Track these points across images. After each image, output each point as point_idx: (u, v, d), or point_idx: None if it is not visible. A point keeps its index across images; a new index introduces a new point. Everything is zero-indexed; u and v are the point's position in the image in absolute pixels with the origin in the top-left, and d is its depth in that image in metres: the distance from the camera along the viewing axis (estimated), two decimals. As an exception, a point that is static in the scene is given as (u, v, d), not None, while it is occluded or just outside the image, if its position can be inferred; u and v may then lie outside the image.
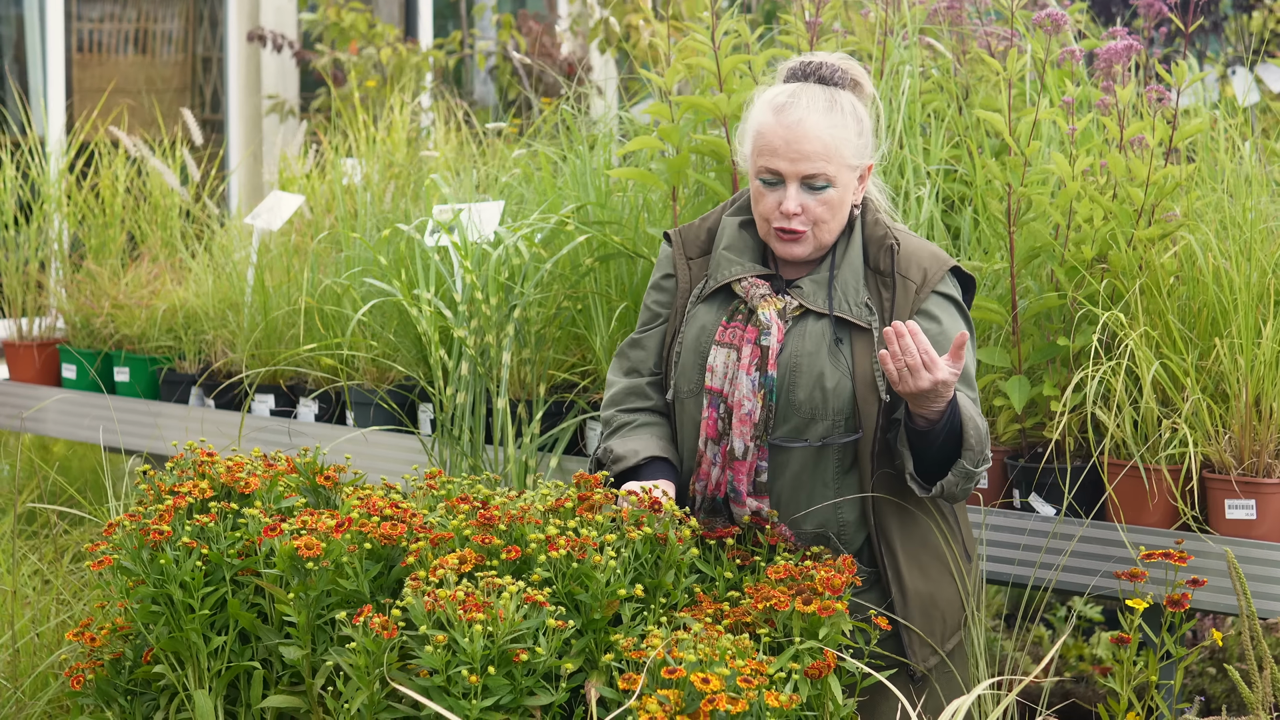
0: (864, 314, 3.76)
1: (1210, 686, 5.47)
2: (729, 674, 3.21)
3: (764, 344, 3.75)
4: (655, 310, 3.97)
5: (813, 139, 3.71)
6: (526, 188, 5.61)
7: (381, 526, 3.54)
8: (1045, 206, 4.44)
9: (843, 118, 3.74)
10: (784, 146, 3.72)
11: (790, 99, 3.75)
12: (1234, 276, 4.27)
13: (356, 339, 5.45)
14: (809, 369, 3.74)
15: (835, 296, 3.78)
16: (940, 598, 3.80)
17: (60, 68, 9.76)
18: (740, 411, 3.74)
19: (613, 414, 3.94)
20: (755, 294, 3.80)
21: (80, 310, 6.44)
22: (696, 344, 3.84)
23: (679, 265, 3.93)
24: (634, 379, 3.95)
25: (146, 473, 3.89)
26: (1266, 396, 4.19)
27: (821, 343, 3.76)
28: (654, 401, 3.92)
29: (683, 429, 3.87)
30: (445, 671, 3.22)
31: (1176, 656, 3.96)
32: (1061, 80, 4.98)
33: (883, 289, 3.78)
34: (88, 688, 3.73)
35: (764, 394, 3.74)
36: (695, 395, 3.82)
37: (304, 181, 6.58)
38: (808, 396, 3.74)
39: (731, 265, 3.85)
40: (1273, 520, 4.16)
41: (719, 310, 3.85)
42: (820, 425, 3.74)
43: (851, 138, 3.75)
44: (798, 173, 3.72)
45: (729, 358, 3.78)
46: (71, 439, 6.54)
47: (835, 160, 3.72)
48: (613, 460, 3.82)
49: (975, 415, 3.66)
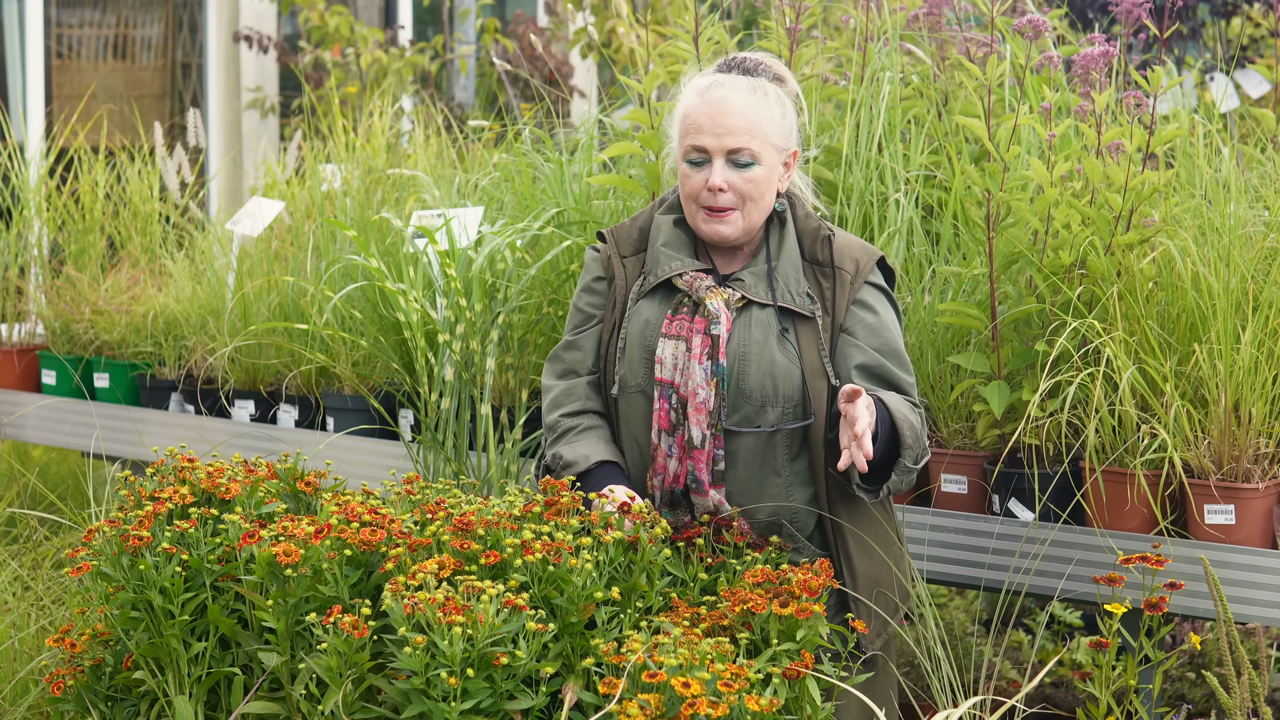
0: (806, 303, 3.85)
1: (1190, 691, 5.48)
2: (710, 678, 3.22)
3: (714, 333, 3.80)
4: (588, 312, 4.02)
5: (736, 114, 3.81)
6: (507, 193, 5.61)
7: (361, 532, 3.54)
8: (1024, 212, 4.45)
9: (765, 99, 3.86)
10: (709, 123, 3.82)
11: (714, 83, 3.87)
12: (1213, 282, 4.28)
13: (336, 343, 5.45)
14: (758, 357, 3.80)
15: (778, 287, 3.86)
16: (884, 579, 3.89)
17: (40, 73, 9.74)
18: (695, 400, 3.79)
19: (556, 419, 3.97)
20: (700, 286, 3.86)
21: (60, 316, 6.43)
22: (642, 338, 3.89)
23: (614, 265, 3.99)
24: (571, 380, 3.99)
25: (127, 478, 3.89)
26: (1245, 402, 4.20)
27: (768, 331, 3.83)
28: (593, 403, 3.97)
29: (630, 423, 3.91)
30: (424, 674, 3.22)
31: (1155, 661, 3.97)
32: (1040, 86, 4.99)
33: (821, 279, 3.88)
34: (68, 694, 3.72)
35: (716, 382, 3.79)
36: (643, 389, 3.87)
37: (284, 187, 6.57)
38: (759, 384, 3.80)
39: (671, 261, 3.91)
40: (1251, 525, 4.18)
41: (662, 305, 3.90)
42: (772, 412, 3.81)
43: (775, 118, 3.86)
44: (723, 147, 3.81)
45: (678, 349, 3.83)
46: (52, 445, 6.53)
47: (759, 137, 3.82)
48: (563, 466, 3.86)
49: (908, 413, 3.75)
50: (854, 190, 4.87)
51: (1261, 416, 4.21)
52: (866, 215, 4.89)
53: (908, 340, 4.61)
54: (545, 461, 3.95)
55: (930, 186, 5.02)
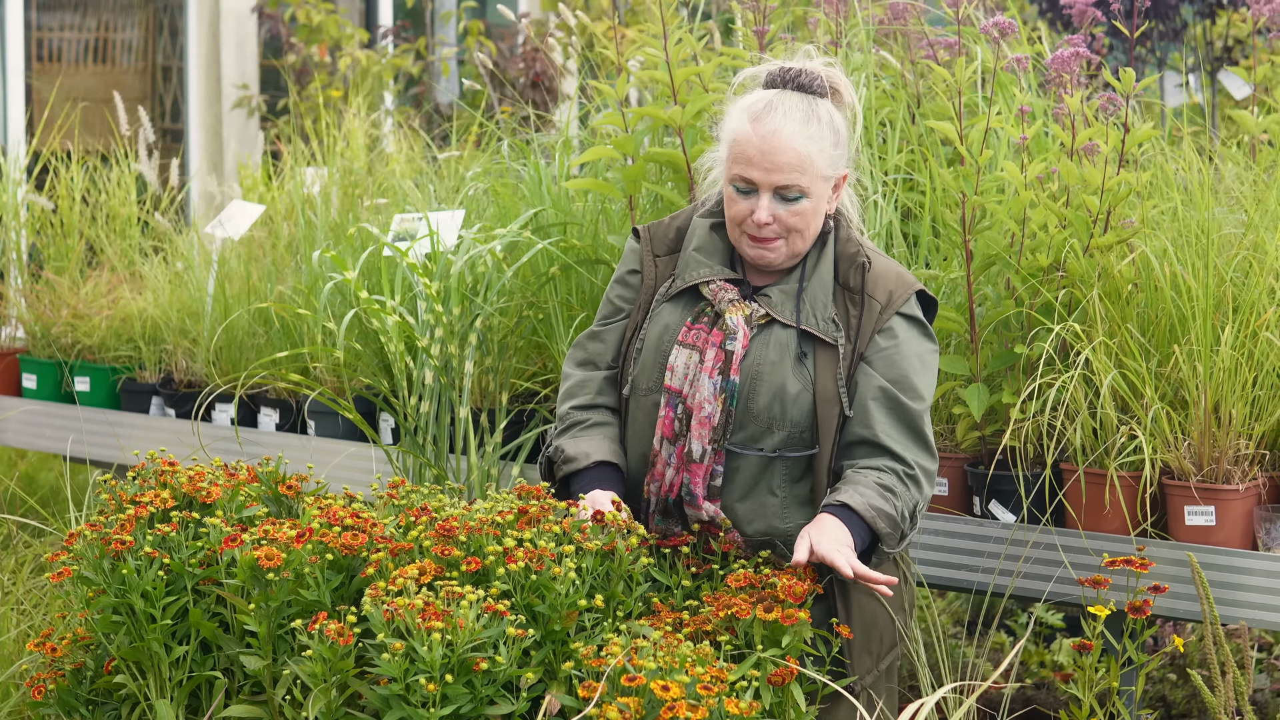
0: (830, 329, 3.76)
1: (1171, 693, 5.49)
2: (689, 681, 3.22)
3: (729, 348, 3.75)
4: (617, 305, 3.97)
5: (788, 150, 3.70)
6: (486, 197, 5.61)
7: (343, 536, 3.54)
8: (999, 214, 4.45)
9: (819, 128, 3.74)
10: (759, 156, 3.71)
11: (767, 108, 3.74)
12: (1192, 284, 4.28)
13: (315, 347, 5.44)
14: (770, 378, 3.74)
15: (803, 309, 3.78)
16: (880, 615, 3.80)
17: (19, 77, 9.72)
18: (700, 414, 3.74)
19: (567, 410, 3.92)
20: (723, 298, 3.80)
21: (40, 320, 6.42)
22: (659, 342, 3.84)
23: (645, 262, 3.93)
24: (589, 371, 3.95)
25: (108, 482, 3.88)
26: (1225, 403, 4.21)
27: (785, 353, 3.76)
28: (607, 398, 3.92)
29: (637, 425, 3.86)
30: (404, 679, 3.22)
31: (1138, 663, 3.98)
32: (1009, 88, 4.99)
33: (850, 306, 3.79)
34: (49, 698, 3.72)
35: (725, 398, 3.74)
36: (653, 393, 3.82)
37: (264, 190, 6.56)
38: (767, 405, 3.74)
39: (700, 267, 3.85)
40: (1232, 526, 4.18)
41: (684, 311, 3.85)
42: (777, 435, 3.74)
43: (827, 148, 3.74)
44: (771, 183, 3.72)
45: (690, 359, 3.77)
46: (32, 449, 6.52)
47: (810, 172, 3.71)
48: (564, 460, 3.82)
49: (883, 504, 3.64)
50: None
51: (1241, 418, 4.22)
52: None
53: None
54: (548, 452, 3.91)
55: (908, 189, 5.03)
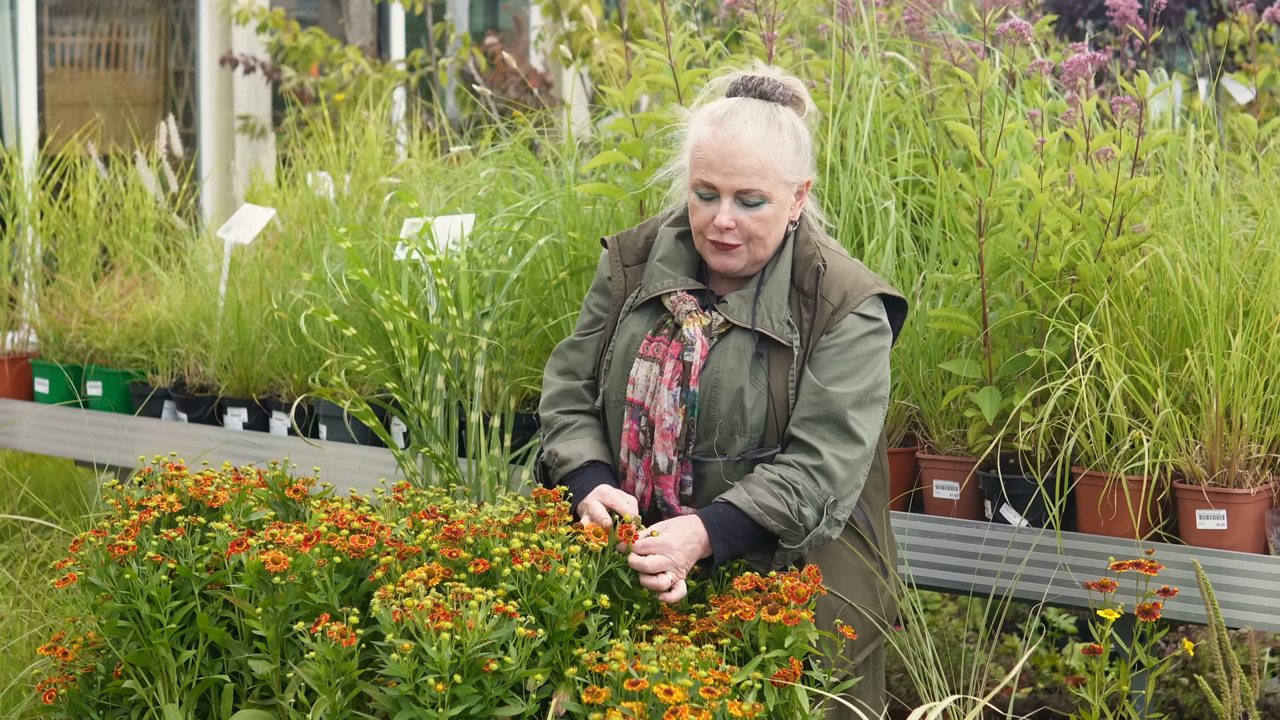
0: (785, 331, 3.79)
1: (1183, 697, 5.48)
2: (692, 685, 3.22)
3: (687, 359, 3.77)
4: (596, 314, 3.99)
5: (748, 155, 3.72)
6: (495, 201, 5.61)
7: (350, 540, 3.54)
8: (1014, 218, 4.45)
9: (780, 134, 3.76)
10: (719, 161, 3.73)
11: (728, 114, 3.77)
12: (1203, 288, 4.28)
13: (328, 351, 5.44)
14: (729, 385, 3.76)
15: (759, 312, 3.80)
16: (852, 611, 3.80)
17: (33, 82, 9.74)
18: (662, 426, 3.77)
19: (553, 415, 3.95)
20: (681, 309, 3.83)
21: (53, 324, 6.43)
22: (625, 354, 3.87)
23: (615, 272, 3.96)
24: (570, 381, 3.98)
25: (114, 487, 3.89)
26: (1237, 407, 4.20)
27: (744, 359, 3.78)
28: (589, 405, 3.95)
29: (613, 437, 3.89)
30: (413, 680, 3.22)
31: (1148, 667, 3.97)
32: (1030, 92, 4.98)
33: (804, 309, 3.81)
34: (60, 702, 3.72)
35: (685, 409, 3.76)
36: (620, 405, 3.85)
37: (275, 195, 6.57)
38: (728, 413, 3.76)
39: (664, 278, 3.87)
40: (1243, 530, 4.17)
41: (648, 322, 3.87)
42: (739, 441, 3.77)
43: (789, 154, 3.77)
44: (732, 187, 3.74)
45: (651, 371, 3.80)
46: (44, 453, 6.53)
47: (770, 176, 3.74)
48: (559, 463, 3.85)
49: (771, 502, 3.66)
50: (841, 198, 4.87)
51: (1253, 422, 4.21)
52: (855, 222, 4.88)
53: (900, 347, 4.60)
54: (542, 458, 3.94)
55: (918, 193, 5.02)
